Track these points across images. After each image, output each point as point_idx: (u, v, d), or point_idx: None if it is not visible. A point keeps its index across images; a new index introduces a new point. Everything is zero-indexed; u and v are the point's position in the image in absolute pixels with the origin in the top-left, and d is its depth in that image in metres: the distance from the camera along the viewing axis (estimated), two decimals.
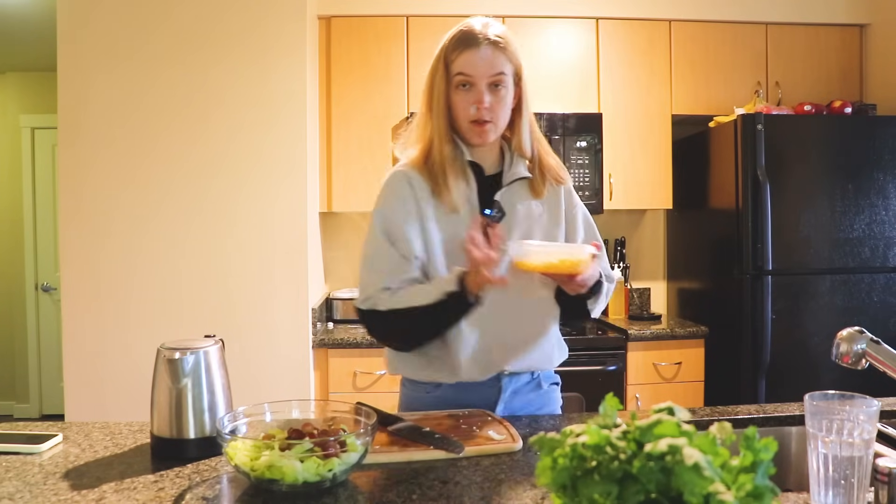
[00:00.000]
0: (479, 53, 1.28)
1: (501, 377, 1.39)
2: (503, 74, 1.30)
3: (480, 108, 1.29)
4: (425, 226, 1.33)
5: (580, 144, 2.93)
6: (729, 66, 3.14)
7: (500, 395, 1.39)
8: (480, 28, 1.31)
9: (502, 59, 1.30)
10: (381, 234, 1.33)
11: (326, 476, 0.95)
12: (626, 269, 3.27)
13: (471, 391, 1.38)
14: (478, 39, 1.29)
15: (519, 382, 1.42)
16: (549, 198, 1.41)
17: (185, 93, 2.59)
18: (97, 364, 2.56)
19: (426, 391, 1.40)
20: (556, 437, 0.67)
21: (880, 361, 1.15)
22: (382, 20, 2.98)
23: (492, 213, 1.33)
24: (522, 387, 1.42)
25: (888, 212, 2.75)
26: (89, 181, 2.58)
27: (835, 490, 0.84)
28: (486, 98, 1.29)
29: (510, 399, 1.40)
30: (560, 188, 1.43)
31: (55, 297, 4.74)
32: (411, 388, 1.44)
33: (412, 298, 1.26)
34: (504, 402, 1.40)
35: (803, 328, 2.71)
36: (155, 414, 1.15)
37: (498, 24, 1.35)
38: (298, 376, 2.64)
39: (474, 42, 1.29)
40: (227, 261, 2.61)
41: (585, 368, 2.70)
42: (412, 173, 1.35)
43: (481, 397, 1.38)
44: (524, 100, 1.36)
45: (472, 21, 1.33)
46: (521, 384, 1.42)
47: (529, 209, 1.38)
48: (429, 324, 1.28)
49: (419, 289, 1.28)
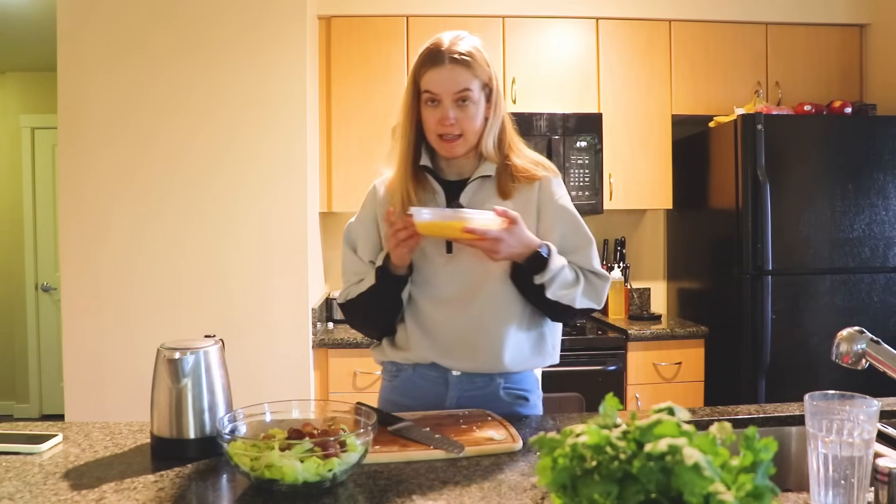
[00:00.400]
0: (443, 71, 1.32)
1: (449, 375, 1.41)
2: (468, 91, 1.34)
3: (445, 125, 1.34)
4: (383, 231, 1.41)
5: (580, 144, 2.93)
6: (729, 66, 3.14)
7: (447, 392, 1.41)
8: (448, 44, 1.34)
9: (467, 76, 1.33)
10: (346, 244, 1.48)
11: (326, 476, 0.95)
12: (626, 269, 3.28)
13: (424, 379, 1.43)
14: (443, 56, 1.33)
15: (471, 385, 1.41)
16: (520, 196, 1.42)
17: (185, 93, 2.59)
18: (97, 364, 2.56)
19: (389, 378, 1.49)
20: (556, 437, 0.67)
21: (880, 361, 1.15)
22: (382, 20, 2.98)
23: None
24: (476, 392, 1.41)
25: (888, 212, 2.75)
26: (89, 181, 2.58)
27: (835, 490, 0.84)
28: (451, 114, 1.33)
29: (458, 402, 1.41)
30: (535, 184, 1.42)
31: (55, 297, 4.74)
32: (383, 375, 1.53)
33: (361, 286, 1.40)
34: (451, 403, 1.41)
35: (803, 328, 2.71)
36: (155, 414, 1.15)
37: (469, 38, 1.37)
38: (298, 376, 2.64)
39: (439, 59, 1.33)
40: (227, 261, 2.61)
41: (585, 368, 2.70)
42: (381, 184, 1.47)
43: (431, 390, 1.42)
44: (494, 110, 1.41)
45: (442, 36, 1.36)
46: (471, 387, 1.41)
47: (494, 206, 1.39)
48: (376, 303, 1.39)
49: (367, 275, 1.41)
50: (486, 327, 1.38)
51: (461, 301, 1.39)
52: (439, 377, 1.42)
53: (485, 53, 1.38)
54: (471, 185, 1.41)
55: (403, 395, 1.45)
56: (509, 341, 1.38)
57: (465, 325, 1.39)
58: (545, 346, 1.44)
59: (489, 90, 1.38)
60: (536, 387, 1.50)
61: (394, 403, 1.44)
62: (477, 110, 1.36)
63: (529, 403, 1.46)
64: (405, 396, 1.45)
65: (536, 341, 1.43)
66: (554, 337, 1.46)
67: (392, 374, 1.48)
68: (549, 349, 1.45)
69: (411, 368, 1.44)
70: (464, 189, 1.41)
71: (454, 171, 1.45)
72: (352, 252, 1.46)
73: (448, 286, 1.39)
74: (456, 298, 1.39)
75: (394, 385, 1.47)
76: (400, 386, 1.46)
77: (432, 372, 1.42)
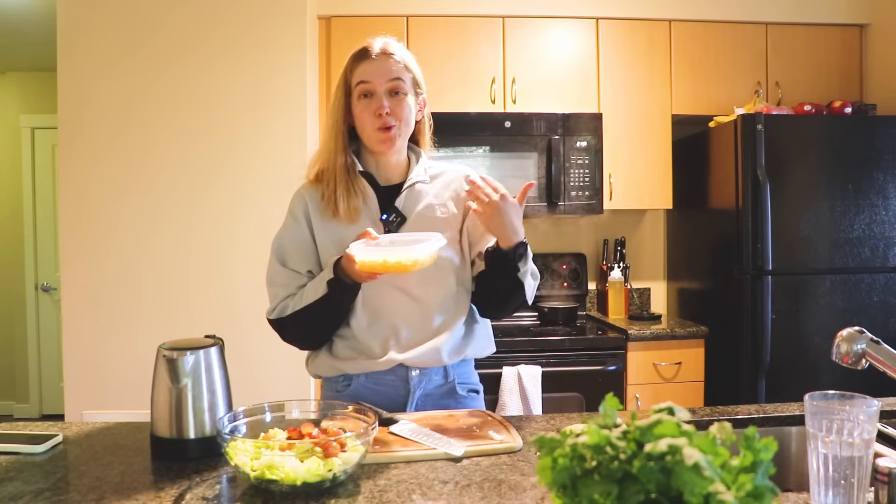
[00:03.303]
0: (375, 62, 1.37)
1: (409, 375, 1.40)
2: (400, 81, 1.37)
3: (382, 114, 1.35)
4: (319, 238, 1.40)
5: (580, 144, 2.93)
6: (729, 66, 3.14)
7: (409, 394, 1.40)
8: (379, 42, 1.39)
9: (398, 67, 1.38)
10: (275, 258, 1.43)
11: (326, 476, 0.95)
12: (626, 269, 3.27)
13: (381, 384, 1.40)
14: (373, 50, 1.38)
15: (430, 384, 1.42)
16: (452, 196, 1.45)
17: (185, 93, 2.59)
18: (97, 364, 2.56)
19: (337, 389, 1.44)
20: (556, 437, 0.67)
21: (880, 361, 1.15)
22: (382, 20, 2.98)
23: (387, 219, 1.40)
24: (434, 390, 1.42)
25: (888, 212, 2.75)
26: (89, 181, 2.58)
27: (835, 490, 0.84)
28: (386, 103, 1.35)
29: (422, 402, 1.41)
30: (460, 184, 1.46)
31: (55, 297, 4.74)
32: (326, 387, 1.47)
33: (306, 298, 1.35)
34: (414, 404, 1.41)
35: (803, 328, 2.71)
36: (155, 414, 1.15)
37: (396, 42, 1.42)
38: (298, 376, 2.62)
39: (369, 53, 1.38)
40: (227, 260, 2.61)
41: (585, 368, 2.70)
42: (307, 191, 1.45)
43: (391, 394, 1.40)
44: (425, 112, 1.46)
45: (371, 39, 1.41)
46: (431, 386, 1.42)
47: (431, 209, 1.42)
48: (323, 315, 1.35)
49: (309, 286, 1.36)
50: (426, 319, 1.39)
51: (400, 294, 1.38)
52: (399, 380, 1.40)
53: (413, 57, 1.43)
54: (409, 193, 1.42)
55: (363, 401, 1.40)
56: (450, 334, 1.40)
57: (404, 317, 1.39)
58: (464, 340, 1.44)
59: (419, 88, 1.42)
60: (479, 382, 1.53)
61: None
62: (410, 103, 1.39)
63: (481, 396, 1.50)
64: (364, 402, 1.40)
65: (459, 337, 1.43)
66: (487, 327, 1.50)
67: (344, 382, 1.43)
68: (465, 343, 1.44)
69: (364, 377, 1.41)
70: (398, 195, 1.42)
71: (383, 175, 1.45)
72: (279, 265, 1.41)
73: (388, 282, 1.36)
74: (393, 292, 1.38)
75: (349, 391, 1.42)
76: (354, 391, 1.41)
77: (389, 376, 1.40)
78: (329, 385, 1.47)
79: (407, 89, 1.38)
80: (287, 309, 1.37)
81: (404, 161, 1.46)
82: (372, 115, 1.35)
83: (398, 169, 1.46)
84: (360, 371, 1.40)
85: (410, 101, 1.39)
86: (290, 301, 1.38)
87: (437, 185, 1.46)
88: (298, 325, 1.37)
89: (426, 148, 1.50)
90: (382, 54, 1.37)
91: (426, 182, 1.44)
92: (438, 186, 1.46)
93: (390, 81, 1.36)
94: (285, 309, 1.38)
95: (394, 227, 1.39)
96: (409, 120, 1.40)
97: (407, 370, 1.40)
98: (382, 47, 1.38)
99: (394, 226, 1.39)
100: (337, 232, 1.38)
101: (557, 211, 2.92)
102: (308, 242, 1.41)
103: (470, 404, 1.46)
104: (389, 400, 1.40)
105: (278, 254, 1.43)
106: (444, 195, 1.45)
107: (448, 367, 1.42)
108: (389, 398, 1.40)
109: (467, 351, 1.43)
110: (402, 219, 1.40)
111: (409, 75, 1.39)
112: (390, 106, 1.35)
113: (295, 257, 1.41)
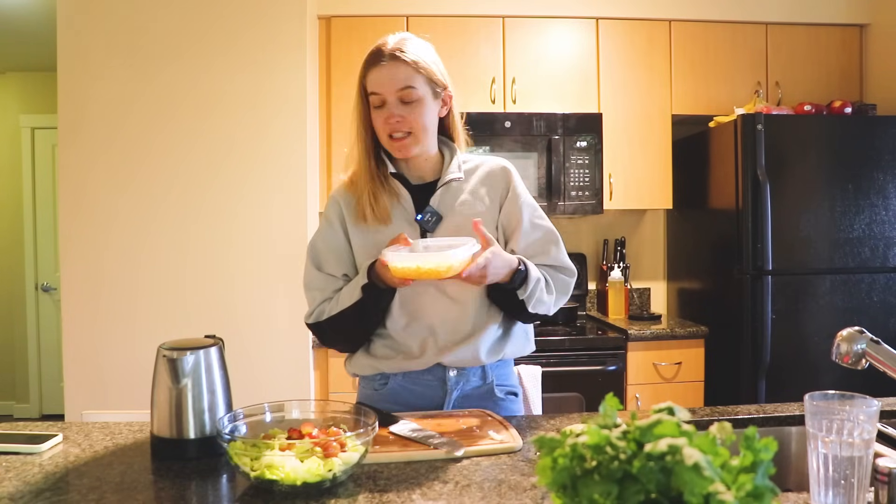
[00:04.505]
0: (383, 70, 1.32)
1: (447, 376, 1.39)
2: (411, 88, 1.32)
3: (391, 123, 1.33)
4: (354, 242, 1.40)
5: (580, 144, 2.93)
6: (729, 66, 3.14)
7: (446, 395, 1.40)
8: (390, 44, 1.34)
9: (408, 73, 1.32)
10: (311, 262, 1.43)
11: (326, 476, 0.95)
12: (626, 269, 3.27)
13: (418, 384, 1.40)
14: (382, 55, 1.33)
15: (468, 385, 1.41)
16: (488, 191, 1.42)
17: (184, 93, 2.59)
18: (97, 364, 2.56)
19: (375, 387, 1.44)
20: (556, 437, 0.67)
21: (880, 361, 1.15)
22: (382, 20, 2.98)
23: (422, 219, 1.38)
24: (472, 391, 1.42)
25: (888, 212, 2.75)
26: (89, 181, 2.58)
27: (835, 490, 0.84)
28: (396, 113, 1.32)
29: (459, 403, 1.41)
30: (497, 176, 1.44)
31: (55, 297, 4.74)
32: (364, 385, 1.47)
33: (342, 302, 1.35)
34: (451, 405, 1.40)
35: (803, 328, 2.71)
36: (155, 414, 1.15)
37: (415, 39, 1.37)
38: (298, 376, 2.64)
39: (379, 58, 1.33)
40: (227, 260, 2.61)
41: (585, 368, 2.70)
42: (341, 195, 1.43)
43: (428, 394, 1.40)
44: (453, 107, 1.42)
45: (387, 37, 1.36)
46: (469, 387, 1.41)
47: (467, 206, 1.40)
48: (359, 319, 1.35)
49: (344, 291, 1.36)
50: (464, 320, 1.38)
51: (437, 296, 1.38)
52: (436, 379, 1.40)
53: (432, 52, 1.37)
54: (444, 190, 1.40)
55: (399, 400, 1.41)
56: (486, 335, 1.39)
57: (442, 318, 1.38)
58: (503, 341, 1.43)
59: (438, 87, 1.37)
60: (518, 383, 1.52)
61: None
62: (425, 108, 1.35)
63: (520, 399, 1.49)
64: (401, 401, 1.41)
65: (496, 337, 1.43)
66: (525, 326, 1.48)
67: (381, 381, 1.43)
68: (504, 343, 1.44)
69: (401, 376, 1.41)
70: (433, 193, 1.40)
71: (415, 175, 1.44)
72: (315, 269, 1.41)
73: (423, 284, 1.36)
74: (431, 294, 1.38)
75: (386, 390, 1.42)
76: (391, 390, 1.42)
77: (427, 375, 1.40)
78: (366, 384, 1.46)
79: (419, 94, 1.33)
80: (324, 314, 1.38)
81: (435, 158, 1.44)
82: (384, 124, 1.34)
83: (430, 167, 1.43)
84: (397, 370, 1.40)
85: (426, 105, 1.35)
86: (326, 305, 1.38)
87: (473, 180, 1.43)
88: (336, 329, 1.38)
89: (459, 142, 1.46)
90: (392, 58, 1.32)
91: (461, 178, 1.42)
92: (474, 182, 1.43)
93: (399, 91, 1.32)
94: (322, 313, 1.38)
95: (430, 226, 1.38)
96: (426, 124, 1.36)
97: (445, 370, 1.39)
98: (393, 50, 1.32)
99: (430, 224, 1.38)
100: (371, 235, 1.38)
101: (557, 211, 2.92)
102: (343, 246, 1.41)
103: (509, 407, 1.44)
104: (426, 400, 1.39)
105: (314, 258, 1.42)
106: (481, 191, 1.42)
107: (487, 368, 1.42)
108: (426, 398, 1.40)
109: (506, 350, 1.42)
110: (437, 217, 1.38)
111: (421, 78, 1.33)
112: (402, 114, 1.32)
113: (330, 261, 1.41)
